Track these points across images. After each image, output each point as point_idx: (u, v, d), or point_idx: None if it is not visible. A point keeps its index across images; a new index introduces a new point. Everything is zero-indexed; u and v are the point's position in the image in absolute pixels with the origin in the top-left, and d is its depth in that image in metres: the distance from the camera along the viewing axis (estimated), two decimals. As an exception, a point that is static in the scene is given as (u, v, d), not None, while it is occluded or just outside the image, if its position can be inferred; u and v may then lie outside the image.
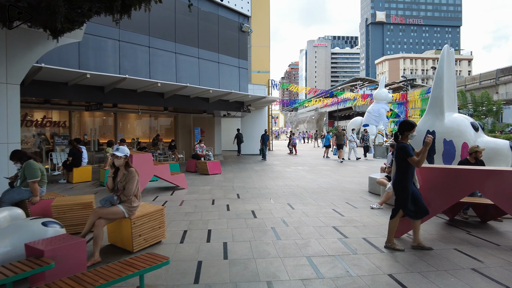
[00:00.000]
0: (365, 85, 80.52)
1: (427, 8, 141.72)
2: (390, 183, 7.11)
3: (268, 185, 10.01)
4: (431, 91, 8.08)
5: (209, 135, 22.31)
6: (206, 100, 15.66)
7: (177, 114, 19.25)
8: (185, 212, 6.66)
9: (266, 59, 29.48)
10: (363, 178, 11.27)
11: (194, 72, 15.43)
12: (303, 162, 17.49)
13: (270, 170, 13.77)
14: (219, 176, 11.89)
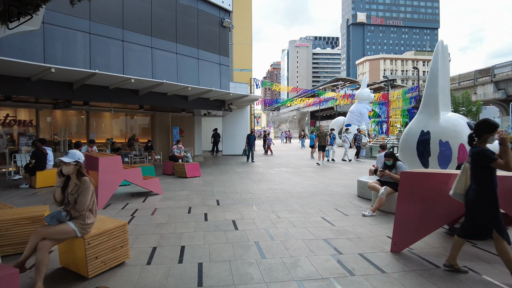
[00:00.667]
0: (346, 85, 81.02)
1: (406, 10, 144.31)
2: (383, 188, 6.54)
3: (251, 189, 9.31)
4: (424, 89, 7.57)
5: (189, 135, 21.43)
6: (184, 98, 14.82)
7: (155, 112, 18.30)
8: (157, 223, 5.88)
9: (248, 57, 28.79)
10: (350, 181, 10.73)
11: (171, 69, 14.57)
12: (287, 163, 16.89)
13: (252, 172, 13.08)
14: (198, 179, 11.11)
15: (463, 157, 6.71)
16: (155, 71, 13.93)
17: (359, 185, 8.32)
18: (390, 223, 5.85)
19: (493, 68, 40.01)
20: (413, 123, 7.57)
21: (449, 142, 6.83)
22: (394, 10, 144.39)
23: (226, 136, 21.66)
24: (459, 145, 6.76)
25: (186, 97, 14.87)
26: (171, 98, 14.20)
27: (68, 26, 11.50)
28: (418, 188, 4.43)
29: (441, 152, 6.89)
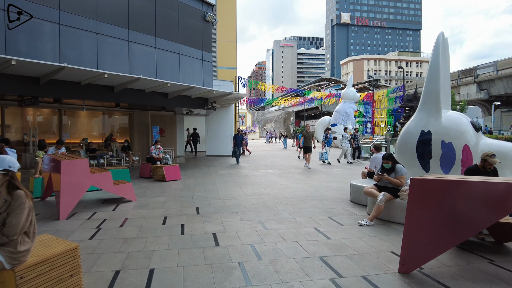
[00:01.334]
0: (330, 85, 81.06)
1: (389, 11, 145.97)
2: (381, 194, 5.88)
3: (235, 194, 8.54)
4: (424, 85, 6.96)
5: (170, 134, 20.48)
6: (164, 95, 13.91)
7: (133, 111, 17.29)
8: (125, 238, 5.05)
9: (232, 54, 27.95)
10: (341, 184, 10.08)
11: (150, 64, 13.63)
12: (273, 164, 16.17)
13: (236, 174, 12.30)
14: (177, 183, 10.26)
15: (467, 159, 6.12)
16: (132, 66, 12.97)
17: (353, 189, 7.65)
18: (391, 235, 5.19)
19: (476, 68, 40.38)
20: (411, 123, 6.95)
21: (452, 143, 6.23)
22: (377, 11, 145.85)
23: (209, 136, 20.80)
24: (463, 146, 6.17)
25: (166, 95, 13.97)
26: (149, 95, 13.27)
27: (34, 15, 10.45)
28: (432, 198, 3.75)
29: (443, 154, 6.28)
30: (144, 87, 12.83)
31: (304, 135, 14.94)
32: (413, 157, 6.65)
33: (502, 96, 39.65)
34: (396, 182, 5.97)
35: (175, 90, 13.61)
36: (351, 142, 17.43)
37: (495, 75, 37.84)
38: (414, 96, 20.56)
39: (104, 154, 15.16)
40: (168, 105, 14.43)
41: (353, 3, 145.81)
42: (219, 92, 14.84)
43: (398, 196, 5.94)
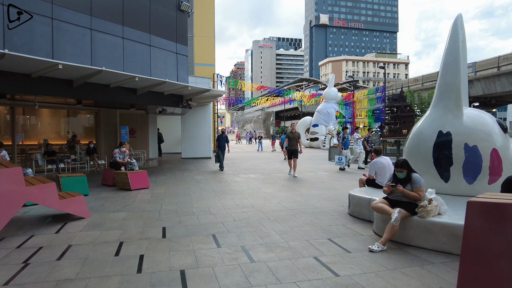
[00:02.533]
0: (310, 85, 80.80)
1: (367, 13, 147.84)
2: (395, 211, 4.68)
3: (212, 206, 7.17)
4: (439, 77, 5.84)
5: (142, 135, 18.87)
6: (132, 91, 12.36)
7: (99, 109, 15.59)
8: (57, 281, 3.61)
9: (210, 50, 26.48)
10: (333, 192, 8.90)
11: (117, 56, 12.05)
12: (255, 167, 14.87)
13: (214, 181, 10.92)
14: (144, 193, 8.78)
15: (495, 166, 5.01)
16: (95, 58, 11.36)
17: (352, 201, 6.44)
18: (414, 266, 3.99)
19: (455, 69, 40.44)
20: (425, 122, 5.81)
21: (478, 147, 5.12)
22: (355, 13, 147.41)
23: (186, 137, 19.29)
24: (491, 151, 5.06)
25: (134, 91, 12.42)
26: (115, 91, 11.69)
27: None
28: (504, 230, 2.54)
29: (467, 159, 5.16)
30: (109, 82, 11.27)
31: (288, 136, 12.21)
32: (427, 163, 5.50)
33: (480, 97, 39.91)
34: (413, 196, 4.80)
35: (144, 86, 12.09)
36: (365, 144, 15.10)
37: (474, 76, 37.97)
38: (400, 96, 19.76)
39: (65, 157, 13.45)
40: (137, 102, 12.88)
41: (331, 4, 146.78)
42: (195, 88, 13.42)
43: (416, 213, 4.77)
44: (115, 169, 9.80)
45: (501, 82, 35.85)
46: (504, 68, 34.84)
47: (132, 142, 18.42)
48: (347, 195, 8.27)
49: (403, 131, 17.91)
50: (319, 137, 31.75)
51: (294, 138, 12.10)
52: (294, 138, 12.10)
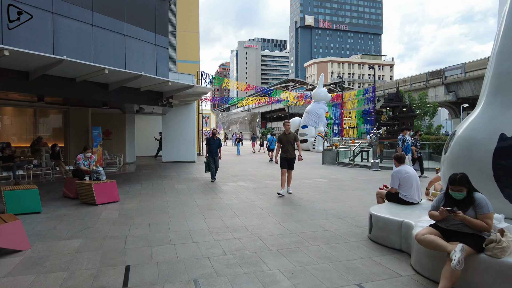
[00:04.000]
0: (296, 86, 79.97)
1: (352, 15, 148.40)
2: (457, 248, 3.27)
3: (195, 229, 5.64)
4: (494, 65, 4.49)
5: (119, 137, 17.13)
6: (103, 86, 10.69)
7: (68, 108, 13.80)
8: None
9: (195, 47, 24.85)
10: (339, 205, 7.50)
11: (85, 45, 10.35)
12: (243, 172, 13.38)
13: (198, 190, 9.37)
14: (112, 209, 7.16)
15: None
16: (58, 46, 9.65)
17: (376, 224, 5.03)
18: None
19: (444, 70, 40.01)
20: (477, 122, 4.44)
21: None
22: (340, 14, 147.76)
23: (167, 138, 17.62)
24: None
25: (105, 86, 10.76)
26: (82, 86, 10.00)
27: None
28: None
29: (541, 173, 3.79)
30: (74, 75, 9.59)
31: (281, 139, 8.77)
32: (484, 177, 4.13)
33: (469, 99, 39.52)
34: (479, 225, 3.42)
35: (117, 80, 10.46)
36: (413, 150, 12.56)
37: (463, 77, 37.53)
38: (396, 95, 18.63)
39: (24, 163, 11.66)
40: (109, 99, 11.19)
41: (316, 6, 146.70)
42: (177, 84, 11.83)
43: (484, 249, 3.38)
44: (78, 178, 8.14)
45: (490, 83, 35.40)
46: (493, 69, 34.37)
47: (107, 145, 16.67)
48: (358, 209, 6.92)
49: (402, 133, 16.73)
50: (308, 139, 30.50)
51: (288, 142, 8.67)
52: (288, 142, 8.67)
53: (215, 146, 11.04)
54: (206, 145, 11.33)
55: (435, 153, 17.59)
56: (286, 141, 8.72)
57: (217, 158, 11.12)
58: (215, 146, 11.04)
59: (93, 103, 13.39)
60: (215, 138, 11.13)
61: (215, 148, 11.03)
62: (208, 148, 11.11)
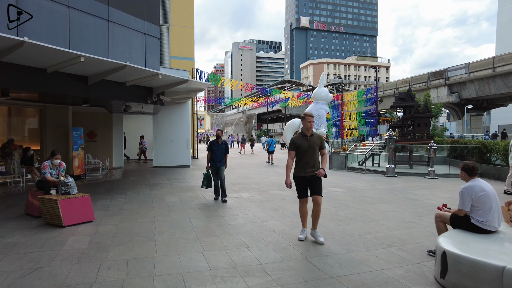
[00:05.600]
0: (292, 87, 78.56)
1: (347, 17, 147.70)
2: None
3: (189, 272, 4.02)
4: None
5: (105, 139, 15.45)
6: (82, 79, 9.02)
7: (45, 106, 12.10)
8: None
9: (189, 42, 23.23)
10: (373, 225, 5.94)
11: (58, 30, 8.67)
12: (245, 179, 11.77)
13: (194, 205, 7.74)
14: (83, 233, 5.50)
15: None
16: (23, 29, 8.00)
17: (455, 265, 3.46)
18: None
19: (447, 70, 38.80)
20: None
21: None
22: (336, 16, 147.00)
23: (158, 141, 15.94)
24: None
25: (84, 79, 9.09)
26: (55, 78, 8.32)
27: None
28: None
29: None
30: (44, 64, 7.92)
31: (298, 144, 5.11)
32: None
33: (473, 100, 38.36)
34: None
35: (97, 71, 8.80)
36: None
37: (467, 77, 36.32)
38: (408, 95, 17.18)
39: (-12, 169, 9.94)
40: (89, 95, 9.51)
41: (312, 7, 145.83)
42: (168, 78, 10.21)
43: None
44: (43, 191, 6.47)
45: (495, 84, 34.27)
46: (499, 69, 33.22)
47: (92, 148, 14.96)
48: (401, 234, 5.31)
49: (417, 134, 15.27)
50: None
51: (311, 149, 5.09)
52: (311, 149, 5.09)
53: (219, 153, 8.14)
54: (207, 150, 8.46)
55: (450, 157, 16.15)
56: (308, 147, 5.03)
57: (222, 169, 8.19)
58: (219, 152, 8.14)
59: (72, 100, 11.68)
60: (220, 141, 8.25)
61: (220, 155, 8.15)
62: (211, 155, 8.21)
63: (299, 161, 5.11)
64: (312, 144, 5.07)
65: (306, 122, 5.07)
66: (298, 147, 5.07)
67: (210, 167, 8.21)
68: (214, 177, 8.22)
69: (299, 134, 5.25)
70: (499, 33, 60.07)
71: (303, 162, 5.07)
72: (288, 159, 5.15)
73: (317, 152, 5.14)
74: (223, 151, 8.22)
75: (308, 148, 5.06)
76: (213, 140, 8.37)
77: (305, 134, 5.09)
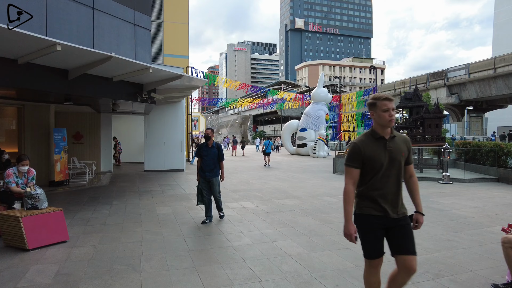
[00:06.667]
0: (288, 89, 77.69)
1: (342, 19, 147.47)
2: None
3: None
4: None
5: (92, 141, 14.29)
6: (61, 73, 7.90)
7: (23, 104, 10.93)
8: None
9: (184, 40, 22.13)
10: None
11: (34, 15, 7.58)
12: (246, 187, 10.70)
13: (189, 218, 6.65)
14: (49, 260, 4.39)
15: None
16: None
17: None
18: None
19: (446, 71, 38.13)
20: None
21: None
22: (331, 18, 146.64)
23: (150, 143, 14.82)
24: None
25: (64, 73, 7.97)
26: (28, 71, 7.20)
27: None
28: None
29: None
30: (15, 54, 6.79)
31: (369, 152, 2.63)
32: None
33: (473, 101, 37.72)
34: None
35: (79, 64, 7.69)
36: None
37: (467, 78, 35.65)
38: (414, 94, 16.26)
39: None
40: (70, 91, 8.39)
41: (307, 9, 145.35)
42: (161, 73, 9.14)
43: None
44: (6, 205, 5.34)
45: (497, 85, 33.61)
46: (500, 70, 32.57)
47: (78, 151, 13.80)
48: (441, 257, 4.23)
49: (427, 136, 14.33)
50: (307, 143, 28.01)
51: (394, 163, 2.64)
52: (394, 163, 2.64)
53: (209, 159, 6.26)
54: (196, 156, 6.62)
55: (462, 160, 15.26)
56: (389, 161, 2.64)
57: (214, 182, 6.31)
58: (209, 158, 6.27)
59: (53, 97, 10.52)
60: (211, 144, 6.36)
61: (210, 162, 6.27)
62: (201, 162, 6.33)
63: (370, 187, 2.66)
64: (395, 154, 2.62)
65: (383, 113, 2.60)
66: (370, 160, 2.61)
67: (200, 176, 6.34)
68: (205, 191, 6.30)
69: (368, 135, 2.72)
70: (495, 35, 59.96)
71: (378, 191, 2.63)
72: (347, 186, 2.65)
73: (403, 170, 2.70)
74: (214, 156, 6.31)
75: (390, 163, 2.61)
76: (203, 143, 6.53)
77: (381, 136, 2.64)
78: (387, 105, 2.59)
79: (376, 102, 2.65)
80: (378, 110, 2.62)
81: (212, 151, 6.32)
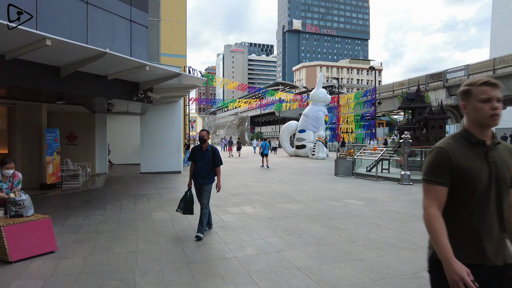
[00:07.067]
0: (286, 90, 77.41)
1: (339, 20, 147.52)
2: None
3: None
4: None
5: (86, 142, 13.85)
6: (52, 70, 7.48)
7: (14, 103, 10.48)
8: None
9: (181, 39, 21.72)
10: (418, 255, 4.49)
11: (26, 9, 7.15)
12: (246, 189, 10.30)
13: (187, 226, 6.24)
14: (32, 275, 3.96)
15: None
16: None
17: None
18: None
19: (445, 72, 37.94)
20: None
21: None
22: (328, 19, 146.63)
23: (146, 144, 14.39)
24: None
25: (55, 70, 7.55)
26: (16, 68, 6.78)
27: None
28: None
29: None
30: (2, 50, 6.37)
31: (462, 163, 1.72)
32: None
33: (472, 103, 37.48)
34: None
35: (71, 61, 7.27)
36: None
37: (466, 79, 35.41)
38: (417, 95, 15.94)
39: None
40: (62, 89, 7.97)
41: (304, 10, 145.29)
42: (157, 71, 8.72)
43: None
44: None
45: (496, 87, 33.41)
46: (500, 71, 32.39)
47: (72, 152, 13.36)
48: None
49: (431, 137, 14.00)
50: (306, 144, 27.64)
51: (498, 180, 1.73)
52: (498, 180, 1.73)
53: (203, 164, 5.54)
54: (189, 160, 5.84)
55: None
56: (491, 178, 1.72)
57: (205, 189, 5.58)
58: (203, 163, 5.55)
59: (44, 96, 10.07)
60: (205, 147, 5.59)
61: (204, 167, 5.55)
62: (193, 167, 5.65)
63: (460, 218, 1.76)
64: (500, 169, 1.75)
65: (481, 104, 1.72)
66: (463, 175, 1.73)
67: (193, 182, 5.67)
68: (199, 196, 5.66)
69: (459, 137, 1.81)
70: (493, 36, 59.93)
71: (473, 224, 1.73)
72: (430, 210, 1.75)
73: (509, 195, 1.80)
74: (209, 161, 5.55)
75: (492, 181, 1.73)
76: (197, 145, 5.79)
77: (479, 140, 1.76)
78: (489, 93, 1.70)
79: (471, 89, 1.75)
80: (474, 100, 1.73)
81: (207, 155, 5.56)
